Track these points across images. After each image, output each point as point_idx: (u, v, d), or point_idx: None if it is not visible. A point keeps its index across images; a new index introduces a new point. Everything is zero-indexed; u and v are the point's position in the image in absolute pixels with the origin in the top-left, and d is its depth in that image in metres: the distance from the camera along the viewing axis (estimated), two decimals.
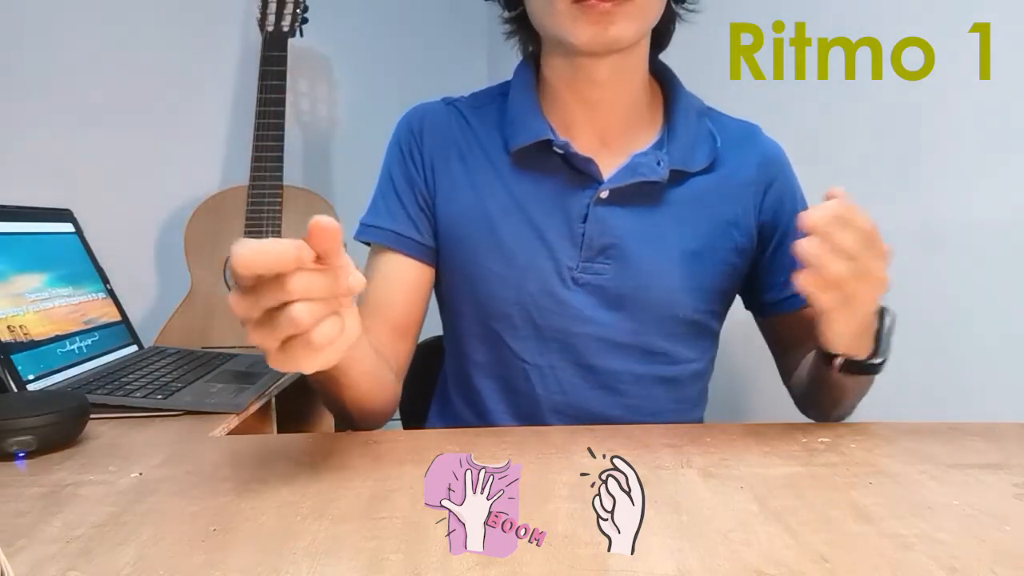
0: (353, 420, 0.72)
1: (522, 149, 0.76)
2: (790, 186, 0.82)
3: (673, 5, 0.78)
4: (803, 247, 0.56)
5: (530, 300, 0.76)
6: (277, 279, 0.43)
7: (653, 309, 0.76)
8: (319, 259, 0.44)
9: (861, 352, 0.64)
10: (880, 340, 0.64)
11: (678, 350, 0.78)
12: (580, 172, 0.76)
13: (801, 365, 0.77)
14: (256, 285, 0.44)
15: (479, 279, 0.77)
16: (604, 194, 0.75)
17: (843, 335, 0.62)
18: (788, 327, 0.81)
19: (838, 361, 0.65)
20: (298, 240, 0.43)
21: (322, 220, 0.43)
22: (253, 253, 0.42)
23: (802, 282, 0.57)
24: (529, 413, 0.79)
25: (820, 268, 0.56)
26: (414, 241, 0.78)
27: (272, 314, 0.44)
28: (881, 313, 0.65)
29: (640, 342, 0.76)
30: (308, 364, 0.46)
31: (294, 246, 0.42)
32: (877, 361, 0.64)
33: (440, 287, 0.82)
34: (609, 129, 0.78)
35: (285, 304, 0.43)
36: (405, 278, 0.79)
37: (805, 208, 0.83)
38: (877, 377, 0.66)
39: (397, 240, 0.78)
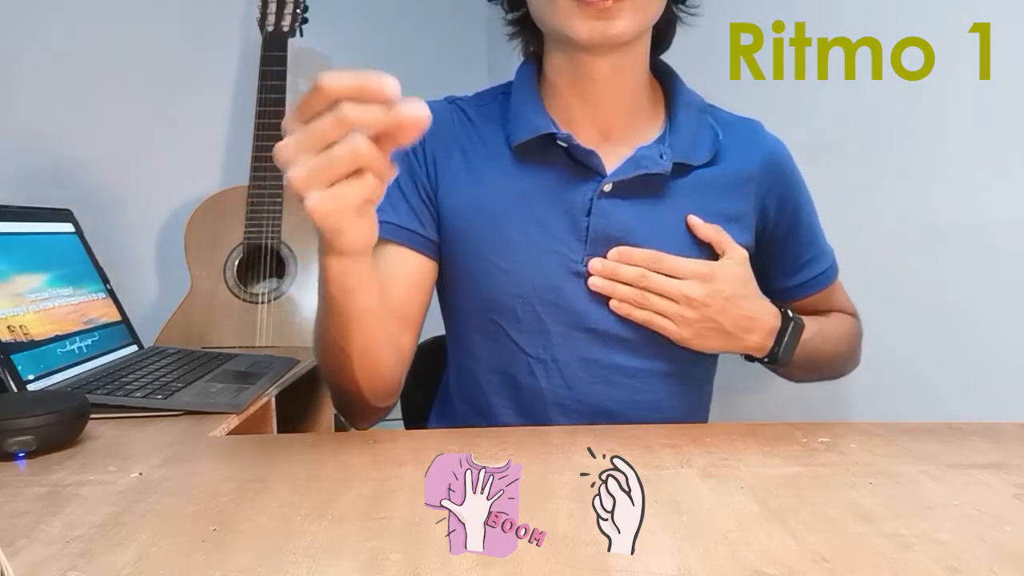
0: (358, 386, 0.68)
1: (524, 143, 0.76)
2: (794, 181, 0.83)
3: (672, 7, 0.79)
4: (593, 284, 0.74)
5: (533, 294, 0.76)
6: (337, 113, 0.47)
7: None
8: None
9: (757, 352, 0.78)
10: (778, 343, 0.77)
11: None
12: (583, 165, 0.76)
13: None
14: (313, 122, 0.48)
15: (482, 273, 0.77)
16: (607, 187, 0.75)
17: (688, 341, 0.75)
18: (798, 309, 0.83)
19: (742, 357, 0.81)
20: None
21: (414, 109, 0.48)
22: (340, 75, 0.46)
23: (615, 308, 0.75)
24: (532, 408, 0.79)
25: (612, 294, 0.74)
26: (417, 234, 0.78)
27: (328, 150, 0.48)
28: (788, 320, 0.77)
29: (644, 336, 0.76)
30: (348, 217, 0.51)
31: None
32: (771, 361, 0.79)
33: (443, 282, 0.82)
34: (610, 124, 0.78)
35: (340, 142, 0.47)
36: (408, 270, 0.78)
37: (808, 197, 0.83)
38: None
39: (400, 233, 0.77)
